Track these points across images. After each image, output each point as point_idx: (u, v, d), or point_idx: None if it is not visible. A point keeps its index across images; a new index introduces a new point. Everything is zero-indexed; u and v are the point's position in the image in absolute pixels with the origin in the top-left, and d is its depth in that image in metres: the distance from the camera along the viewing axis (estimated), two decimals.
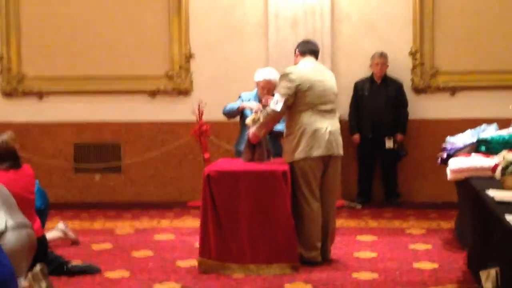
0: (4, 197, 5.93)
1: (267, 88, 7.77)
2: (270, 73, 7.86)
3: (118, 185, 10.73)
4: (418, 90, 10.29)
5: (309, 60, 7.12)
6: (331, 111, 7.00)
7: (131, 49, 10.50)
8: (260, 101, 7.81)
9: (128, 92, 10.56)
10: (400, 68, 10.21)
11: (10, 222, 5.75)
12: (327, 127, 6.90)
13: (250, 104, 7.80)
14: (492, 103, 9.95)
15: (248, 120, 7.26)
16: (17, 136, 7.12)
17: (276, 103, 6.85)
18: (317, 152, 6.84)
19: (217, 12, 10.47)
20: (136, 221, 9.29)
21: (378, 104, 10.06)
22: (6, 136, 6.58)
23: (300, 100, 6.86)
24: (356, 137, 10.12)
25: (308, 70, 6.98)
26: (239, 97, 8.14)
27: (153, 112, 10.57)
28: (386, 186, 10.31)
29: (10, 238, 5.74)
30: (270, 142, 7.49)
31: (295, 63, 7.18)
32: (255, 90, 8.03)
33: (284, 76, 6.93)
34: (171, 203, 10.37)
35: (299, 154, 6.85)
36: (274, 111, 6.91)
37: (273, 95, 7.23)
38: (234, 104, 8.01)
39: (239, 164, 7.09)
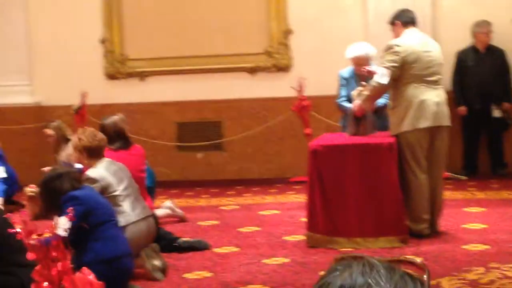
0: (131, 182, 6.14)
1: (361, 64, 7.72)
2: (360, 49, 7.80)
3: (220, 162, 10.86)
4: None
5: (413, 30, 7.05)
6: (437, 82, 6.94)
7: (230, 27, 10.59)
8: (357, 76, 7.78)
9: (227, 70, 10.66)
10: (503, 36, 10.01)
11: (132, 216, 5.98)
12: (433, 98, 6.84)
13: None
14: None
15: (354, 92, 7.25)
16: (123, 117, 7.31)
17: (382, 76, 6.81)
18: (424, 123, 6.79)
19: None
20: (240, 198, 9.40)
21: (483, 74, 9.90)
22: (115, 118, 6.75)
23: (406, 72, 6.81)
24: (462, 109, 9.96)
25: (413, 41, 6.92)
26: (339, 76, 8.10)
27: (253, 89, 10.64)
28: (492, 156, 10.15)
29: (131, 230, 5.96)
30: (375, 116, 7.46)
31: (397, 35, 7.11)
32: (351, 67, 7.99)
33: (389, 48, 6.88)
34: (274, 179, 10.44)
35: (405, 126, 6.81)
36: (380, 84, 6.87)
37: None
38: (346, 105, 7.86)
39: (344, 138, 7.10)
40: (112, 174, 6.09)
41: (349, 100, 7.54)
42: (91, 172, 6.05)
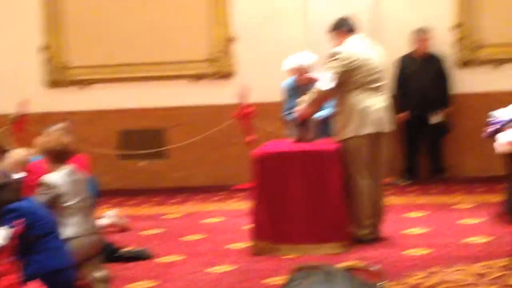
0: (86, 196, 6.06)
1: (298, 74, 7.79)
2: (294, 61, 7.86)
3: (163, 170, 10.82)
4: (461, 64, 10.23)
5: (355, 38, 7.11)
6: (380, 88, 7.01)
7: (172, 35, 10.56)
8: (297, 87, 7.84)
9: (170, 78, 10.64)
10: (443, 43, 10.16)
11: (79, 231, 5.89)
12: (376, 104, 6.91)
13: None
14: None
15: (300, 100, 7.27)
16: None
17: (326, 82, 6.85)
18: (367, 129, 6.85)
19: None
20: (183, 206, 9.38)
21: (423, 81, 10.04)
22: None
23: (349, 79, 6.86)
24: (403, 114, 10.06)
25: (356, 48, 6.98)
26: (283, 89, 8.16)
27: (196, 97, 10.62)
28: (432, 161, 10.28)
29: (76, 244, 5.87)
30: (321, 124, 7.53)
31: (339, 42, 7.15)
32: (293, 77, 8.05)
33: (333, 55, 6.92)
34: (217, 186, 10.43)
35: (349, 132, 6.86)
36: (324, 90, 6.91)
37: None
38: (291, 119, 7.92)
39: (289, 145, 7.11)
40: (70, 183, 5.97)
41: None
42: (48, 178, 5.92)
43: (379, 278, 5.71)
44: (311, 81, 7.28)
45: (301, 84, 7.77)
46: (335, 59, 6.89)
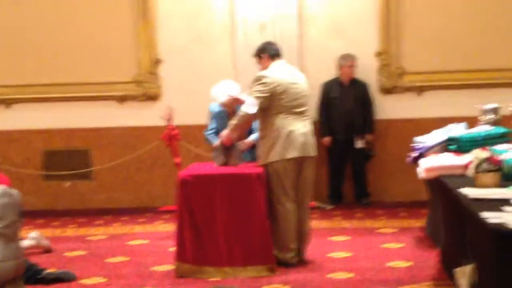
0: (13, 221, 5.93)
1: (229, 106, 7.81)
2: (223, 94, 7.82)
3: (88, 191, 10.71)
4: (385, 90, 10.39)
5: (280, 63, 7.17)
6: (304, 113, 7.07)
7: (98, 55, 10.49)
8: (225, 112, 7.86)
9: (96, 98, 10.55)
10: (367, 69, 10.31)
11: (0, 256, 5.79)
12: (301, 128, 6.96)
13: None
14: (459, 101, 10.05)
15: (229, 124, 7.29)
16: None
17: (250, 105, 6.89)
18: (291, 154, 6.89)
19: (184, 16, 10.50)
20: (108, 227, 9.28)
21: (347, 106, 10.15)
22: None
23: (274, 103, 6.90)
24: (327, 139, 10.18)
25: (281, 73, 7.03)
26: (209, 110, 8.16)
27: (122, 118, 10.57)
28: (356, 186, 10.39)
29: None
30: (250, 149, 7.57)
31: (264, 67, 7.19)
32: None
33: (258, 79, 6.96)
34: (143, 208, 10.36)
35: (273, 156, 6.89)
36: (248, 114, 6.94)
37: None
38: (212, 139, 7.95)
39: (213, 168, 7.12)
40: None
41: (218, 132, 7.57)
42: None
43: None
44: (238, 102, 7.29)
45: (228, 108, 7.79)
46: (260, 83, 6.92)
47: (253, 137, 7.71)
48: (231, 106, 7.75)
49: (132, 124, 10.56)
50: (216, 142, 7.45)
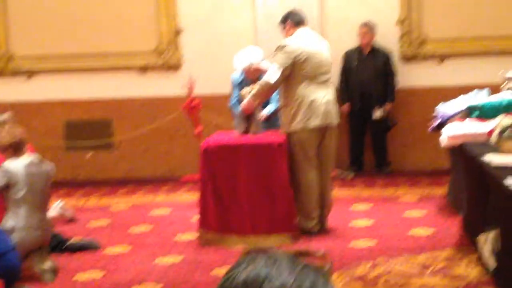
0: (41, 191, 6.05)
1: (250, 73, 7.79)
2: (244, 61, 7.82)
3: (110, 161, 10.76)
4: (406, 59, 10.32)
5: (304, 30, 7.17)
6: (326, 81, 7.08)
7: (119, 26, 10.48)
8: (247, 80, 7.85)
9: (117, 69, 10.54)
10: (388, 37, 10.24)
11: (25, 223, 5.89)
12: (323, 97, 6.97)
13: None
14: (481, 69, 9.98)
15: (244, 91, 7.31)
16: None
17: (272, 74, 6.89)
18: (314, 122, 6.92)
19: None
20: (130, 197, 9.35)
21: (366, 75, 10.08)
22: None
23: (297, 71, 6.91)
24: (345, 107, 10.14)
25: (304, 41, 7.03)
26: (231, 79, 8.16)
27: (143, 88, 10.56)
28: (376, 155, 10.38)
29: (21, 235, 5.87)
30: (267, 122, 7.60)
31: (288, 35, 7.20)
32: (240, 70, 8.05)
33: (280, 47, 6.97)
34: (164, 178, 10.41)
35: (296, 125, 6.92)
36: (269, 83, 6.95)
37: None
38: (236, 108, 7.92)
39: (235, 137, 7.15)
40: (26, 175, 6.01)
41: (241, 100, 7.59)
42: (7, 164, 6.04)
43: (325, 262, 5.82)
44: (261, 72, 7.30)
45: (250, 77, 7.79)
46: (282, 52, 6.93)
47: (268, 109, 7.72)
48: (254, 74, 7.75)
49: (153, 94, 10.56)
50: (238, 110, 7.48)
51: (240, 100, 7.54)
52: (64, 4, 10.51)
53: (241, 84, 7.92)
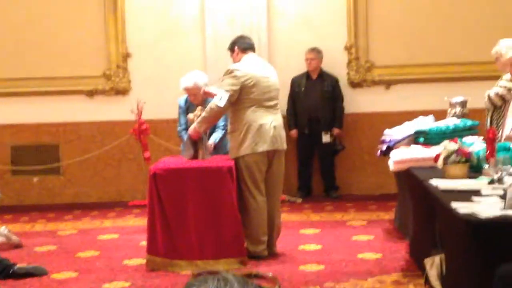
0: None
1: (192, 94, 7.84)
2: (188, 80, 7.89)
3: (57, 186, 10.67)
4: (354, 84, 10.45)
5: (252, 56, 7.20)
6: (274, 106, 7.11)
7: (68, 49, 10.44)
8: (192, 104, 7.87)
9: (65, 93, 10.50)
10: (336, 63, 10.36)
11: None
12: (271, 122, 7.00)
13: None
14: (427, 95, 10.11)
15: (191, 116, 7.31)
16: None
17: (220, 99, 6.90)
18: (262, 147, 6.92)
19: (153, 9, 10.48)
20: (78, 222, 9.25)
21: (314, 100, 10.17)
22: None
23: (245, 96, 6.92)
24: (293, 132, 10.22)
25: (252, 66, 7.06)
26: (178, 104, 8.18)
27: (91, 112, 10.53)
28: (324, 180, 10.44)
29: None
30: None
31: (236, 60, 7.23)
32: (186, 95, 8.08)
33: (229, 72, 6.98)
34: (112, 203, 10.34)
35: (245, 149, 6.91)
36: (217, 107, 6.95)
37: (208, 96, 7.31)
38: (184, 134, 7.91)
39: (184, 162, 7.13)
40: None
41: (189, 125, 7.57)
42: None
43: (275, 284, 5.83)
44: (209, 95, 7.30)
45: (196, 102, 7.81)
46: (231, 76, 6.94)
47: (215, 137, 7.75)
48: (199, 98, 7.76)
49: (101, 118, 10.52)
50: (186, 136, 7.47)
51: (187, 125, 7.52)
52: (12, 28, 10.42)
53: (188, 110, 7.92)
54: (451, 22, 10.29)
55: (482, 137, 6.35)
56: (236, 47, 7.28)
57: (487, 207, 4.42)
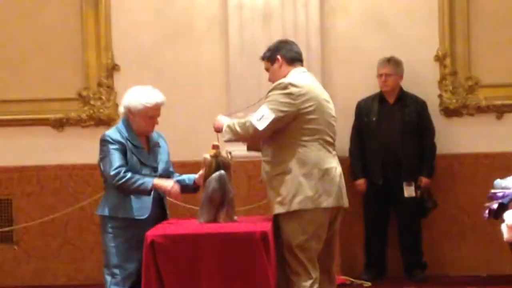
0: None
1: (157, 116, 7.30)
2: (158, 94, 7.38)
3: (9, 261, 10.79)
4: (449, 112, 10.38)
5: (303, 71, 7.01)
6: (334, 145, 6.98)
7: (26, 60, 10.59)
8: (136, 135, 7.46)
9: (22, 123, 10.65)
10: (424, 80, 10.33)
11: None
12: (336, 167, 6.87)
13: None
14: None
15: (207, 156, 7.04)
16: None
17: (261, 118, 6.70)
18: (327, 202, 6.76)
19: (151, 3, 10.53)
20: None
21: (391, 134, 10.09)
22: None
23: (303, 125, 6.73)
24: (361, 183, 10.12)
25: (311, 85, 6.88)
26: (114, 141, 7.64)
27: (59, 152, 10.61)
28: (406, 254, 10.30)
29: None
30: None
31: (279, 76, 6.94)
32: (120, 124, 7.52)
33: (282, 87, 6.75)
34: (88, 285, 10.32)
35: (302, 203, 6.71)
36: (254, 128, 6.73)
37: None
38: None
39: (195, 225, 6.96)
40: None
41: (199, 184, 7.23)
42: None
43: None
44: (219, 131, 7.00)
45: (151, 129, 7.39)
46: (285, 93, 6.72)
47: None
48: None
49: (75, 160, 10.51)
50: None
51: (198, 183, 7.23)
52: None
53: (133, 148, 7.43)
54: None
55: None
56: (279, 56, 7.03)
57: None
